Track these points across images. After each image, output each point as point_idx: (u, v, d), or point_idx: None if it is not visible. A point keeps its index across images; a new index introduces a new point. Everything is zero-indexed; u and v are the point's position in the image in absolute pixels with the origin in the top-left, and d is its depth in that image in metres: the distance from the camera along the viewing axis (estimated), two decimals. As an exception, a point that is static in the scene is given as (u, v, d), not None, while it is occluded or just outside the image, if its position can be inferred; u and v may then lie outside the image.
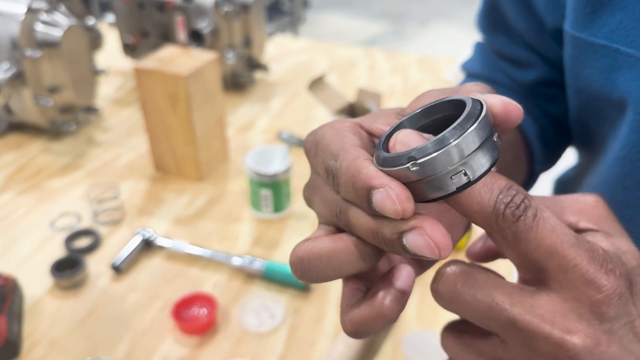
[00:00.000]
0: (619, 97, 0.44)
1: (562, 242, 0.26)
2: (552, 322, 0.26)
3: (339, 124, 0.31)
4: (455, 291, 0.28)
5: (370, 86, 1.35)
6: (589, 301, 0.26)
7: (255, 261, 0.79)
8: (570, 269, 0.26)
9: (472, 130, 0.24)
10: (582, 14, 0.45)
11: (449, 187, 0.25)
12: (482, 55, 0.64)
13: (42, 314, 0.74)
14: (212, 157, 1.01)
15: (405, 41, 4.33)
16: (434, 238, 0.25)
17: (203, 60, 0.92)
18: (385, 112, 0.33)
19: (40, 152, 1.09)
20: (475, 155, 0.24)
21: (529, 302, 0.26)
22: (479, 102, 0.26)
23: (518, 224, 0.26)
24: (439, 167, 0.24)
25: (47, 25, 1.02)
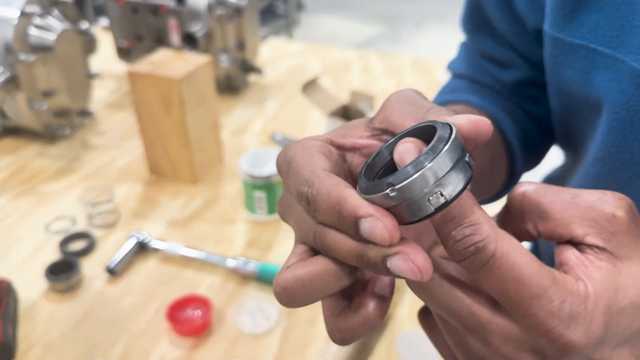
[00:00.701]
0: (595, 97, 0.44)
1: (516, 291, 0.26)
2: (504, 342, 0.27)
3: (309, 143, 0.32)
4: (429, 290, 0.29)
5: (364, 88, 1.36)
6: (539, 345, 0.27)
7: (250, 263, 0.79)
8: (525, 316, 0.26)
9: (444, 152, 0.25)
10: (560, 14, 0.46)
11: (428, 208, 0.26)
12: (466, 56, 0.64)
13: (37, 317, 0.74)
14: (207, 160, 1.02)
15: (400, 43, 4.34)
16: (417, 262, 0.26)
17: (196, 64, 0.93)
18: (354, 124, 0.34)
19: (35, 156, 1.09)
20: (449, 176, 0.25)
21: (485, 319, 0.28)
22: (448, 125, 0.27)
23: (465, 264, 0.27)
24: (416, 190, 0.25)
25: (40, 29, 1.03)
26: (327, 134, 0.33)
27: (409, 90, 0.33)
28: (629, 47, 0.41)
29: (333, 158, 0.31)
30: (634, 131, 0.42)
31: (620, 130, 0.43)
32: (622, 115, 0.42)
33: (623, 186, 0.45)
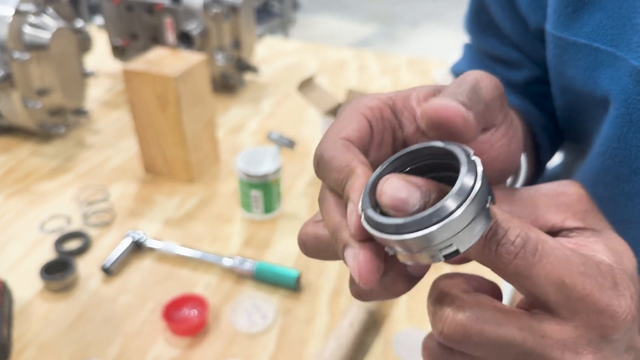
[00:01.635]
0: (601, 94, 0.45)
1: (570, 273, 0.25)
2: (562, 351, 0.26)
3: (361, 103, 0.31)
4: (465, 334, 0.26)
5: (361, 87, 1.36)
6: (600, 328, 0.26)
7: (246, 262, 0.79)
8: (581, 299, 0.25)
9: (467, 206, 0.23)
10: (563, 14, 0.46)
11: (436, 258, 0.24)
12: (471, 57, 0.64)
13: (32, 316, 0.73)
14: (203, 159, 1.01)
15: (396, 43, 4.34)
16: (361, 264, 0.25)
17: (192, 62, 0.92)
18: (421, 88, 0.32)
19: (29, 154, 1.08)
20: (467, 229, 0.23)
21: (539, 333, 0.26)
22: (473, 162, 0.24)
23: (517, 262, 0.25)
24: (429, 242, 0.23)
25: (35, 27, 1.02)
26: (394, 92, 0.32)
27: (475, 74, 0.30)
28: (629, 45, 0.41)
29: (382, 124, 0.31)
30: (633, 128, 0.42)
31: (620, 127, 0.43)
32: (621, 112, 0.43)
33: (622, 182, 0.45)
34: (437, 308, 0.27)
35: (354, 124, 0.30)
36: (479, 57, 0.63)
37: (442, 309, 0.27)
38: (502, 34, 0.58)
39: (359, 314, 0.70)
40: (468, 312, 0.26)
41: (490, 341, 0.26)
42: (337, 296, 0.77)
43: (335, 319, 0.74)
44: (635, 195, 0.45)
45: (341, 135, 0.29)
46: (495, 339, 0.25)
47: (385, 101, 0.31)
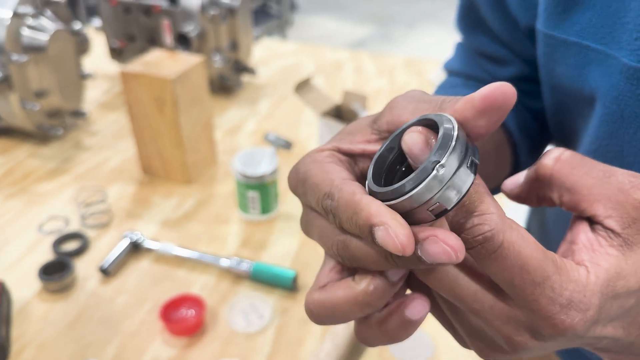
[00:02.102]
0: (589, 92, 0.45)
1: (521, 279, 0.27)
2: (505, 323, 0.29)
3: (319, 156, 0.32)
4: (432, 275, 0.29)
5: (357, 88, 1.36)
6: (540, 330, 0.28)
7: (243, 262, 0.79)
8: (528, 302, 0.27)
9: (451, 151, 0.26)
10: (554, 12, 0.47)
11: (441, 207, 0.26)
12: (462, 54, 0.65)
13: (30, 317, 0.74)
14: (200, 160, 1.02)
15: (393, 44, 4.35)
16: (449, 243, 0.26)
17: (189, 64, 0.93)
18: (358, 128, 0.34)
19: (27, 156, 1.09)
20: (458, 173, 0.26)
21: (489, 304, 0.28)
22: (449, 119, 0.27)
23: (473, 252, 0.27)
24: (428, 194, 0.26)
25: (33, 29, 1.03)
26: (332, 141, 0.33)
27: (416, 91, 0.33)
28: (619, 43, 0.42)
29: (345, 166, 0.32)
30: (624, 124, 0.43)
31: (611, 123, 0.44)
32: (612, 109, 0.44)
33: None
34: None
35: (333, 168, 0.31)
36: (470, 54, 0.64)
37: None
38: (491, 32, 0.59)
39: (355, 313, 0.70)
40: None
41: (446, 287, 0.29)
42: (333, 296, 0.78)
43: (331, 318, 0.74)
44: None
45: (338, 179, 0.30)
46: (451, 287, 0.29)
47: (332, 148, 0.33)
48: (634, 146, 0.43)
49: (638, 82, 0.41)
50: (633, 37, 0.41)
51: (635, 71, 0.41)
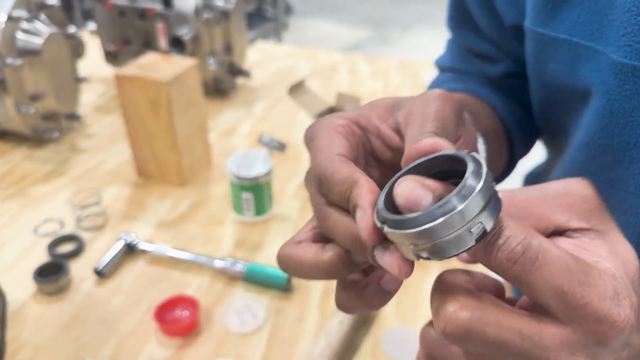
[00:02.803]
0: (583, 86, 0.47)
1: (570, 282, 0.26)
2: (558, 352, 0.26)
3: (334, 122, 0.33)
4: (465, 334, 0.27)
5: (351, 90, 1.37)
6: (598, 335, 0.26)
7: (238, 263, 0.80)
8: (580, 307, 0.26)
9: (470, 201, 0.24)
10: (543, 11, 0.48)
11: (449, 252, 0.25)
12: (453, 51, 0.67)
13: (26, 319, 0.74)
14: (195, 162, 1.02)
15: (388, 46, 4.36)
16: (399, 262, 0.27)
17: (184, 67, 0.93)
18: (382, 107, 0.35)
19: (23, 159, 1.09)
20: (481, 215, 0.25)
21: (538, 336, 0.26)
22: (478, 161, 0.26)
23: (516, 269, 0.26)
24: (433, 236, 0.25)
25: (27, 33, 1.03)
26: (355, 111, 0.35)
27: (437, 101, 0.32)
28: (607, 39, 0.43)
29: (355, 139, 0.33)
30: (614, 118, 0.44)
31: (602, 118, 0.45)
32: (602, 103, 0.45)
33: (606, 170, 0.47)
34: (441, 305, 0.28)
35: (337, 141, 0.32)
36: (460, 51, 0.66)
37: (445, 307, 0.27)
38: (479, 30, 0.60)
39: (348, 313, 0.71)
40: (470, 313, 0.26)
41: (490, 341, 0.26)
42: (327, 296, 0.79)
43: (325, 318, 0.75)
44: (618, 183, 0.47)
45: (334, 153, 0.31)
46: (495, 339, 0.26)
47: (351, 119, 0.34)
48: (623, 140, 0.45)
49: (625, 77, 0.42)
50: (620, 33, 0.42)
51: (622, 67, 0.42)
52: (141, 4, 1.24)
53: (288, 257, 0.32)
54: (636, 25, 0.41)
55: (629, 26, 0.41)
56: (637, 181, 0.45)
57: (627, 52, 0.41)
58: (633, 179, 0.45)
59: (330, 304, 0.77)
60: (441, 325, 0.27)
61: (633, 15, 0.41)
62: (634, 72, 0.41)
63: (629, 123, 0.43)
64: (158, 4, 1.23)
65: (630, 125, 0.43)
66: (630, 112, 0.43)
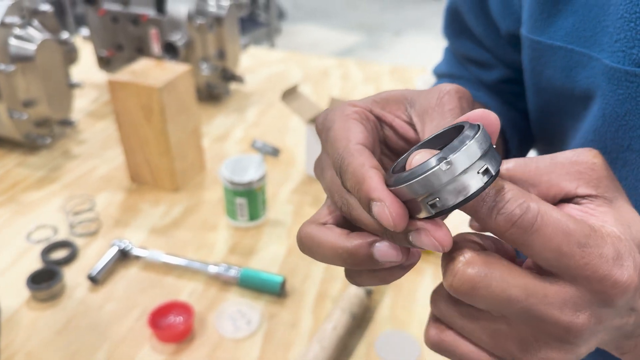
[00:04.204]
0: (581, 92, 0.48)
1: (568, 243, 0.27)
2: (562, 309, 0.27)
3: (349, 110, 0.33)
4: (472, 288, 0.28)
5: (344, 95, 1.38)
6: (601, 294, 0.27)
7: (231, 269, 0.80)
8: (580, 267, 0.27)
9: (461, 152, 0.26)
10: (539, 19, 0.50)
11: (439, 205, 0.26)
12: (450, 59, 0.68)
13: (19, 326, 0.74)
14: (188, 168, 1.02)
15: (380, 51, 4.38)
16: (438, 237, 0.27)
17: (176, 72, 0.94)
18: (396, 99, 0.35)
19: (15, 165, 1.09)
20: (463, 177, 0.26)
21: (542, 293, 0.27)
22: (477, 126, 0.27)
23: (514, 231, 0.27)
24: (421, 189, 0.26)
25: (20, 39, 1.03)
26: (369, 99, 0.35)
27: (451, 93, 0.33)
28: (601, 46, 0.45)
29: (370, 125, 0.33)
30: (607, 122, 0.46)
31: (595, 121, 0.46)
32: (596, 108, 0.46)
33: None
34: (449, 261, 0.29)
35: (354, 128, 0.32)
36: (457, 59, 0.67)
37: (454, 263, 0.28)
38: (475, 38, 0.62)
39: (342, 317, 0.71)
40: (477, 268, 0.28)
41: (495, 296, 0.28)
42: (321, 301, 0.79)
43: (319, 323, 0.75)
44: None
45: (353, 142, 0.31)
46: (500, 295, 0.27)
47: (364, 106, 0.34)
48: (616, 143, 0.46)
49: (618, 82, 0.43)
50: (613, 39, 0.43)
51: (615, 72, 0.43)
52: (134, 10, 1.24)
53: (310, 237, 0.32)
54: (629, 31, 0.42)
55: (621, 32, 0.42)
56: (630, 183, 0.46)
57: (620, 58, 0.42)
58: (626, 180, 0.46)
59: (324, 309, 0.77)
60: (449, 280, 0.28)
61: (625, 22, 0.42)
62: (627, 76, 0.42)
63: (622, 126, 0.44)
64: (151, 10, 1.23)
65: (623, 128, 0.44)
66: (623, 116, 0.44)
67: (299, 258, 0.86)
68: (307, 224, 0.32)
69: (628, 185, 0.46)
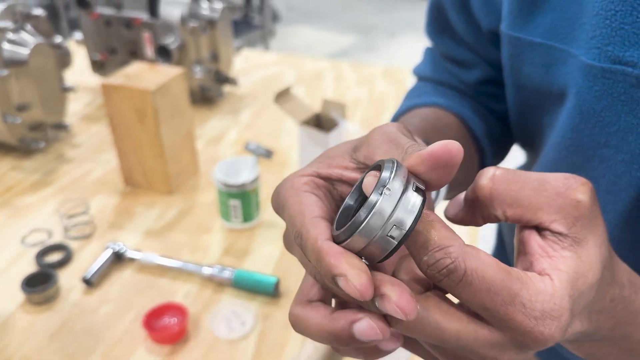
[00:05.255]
0: (558, 88, 0.48)
1: (492, 301, 0.28)
2: (489, 349, 0.30)
3: (298, 183, 0.33)
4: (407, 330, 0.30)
5: (337, 97, 1.38)
6: (523, 344, 0.29)
7: (225, 270, 0.81)
8: (504, 321, 0.28)
9: (387, 188, 0.27)
10: (518, 15, 0.50)
11: (390, 244, 0.27)
12: (431, 59, 0.68)
13: (13, 329, 0.74)
14: (182, 170, 1.03)
15: (374, 53, 4.39)
16: (401, 305, 0.27)
17: (170, 75, 0.94)
18: (338, 153, 0.35)
19: (9, 169, 1.09)
20: (399, 209, 0.27)
21: (472, 336, 0.29)
22: (392, 161, 0.29)
23: (444, 284, 0.28)
24: (373, 230, 0.27)
25: (13, 44, 1.03)
26: (312, 165, 0.35)
27: (391, 127, 0.34)
28: (578, 42, 0.45)
29: (322, 192, 0.33)
30: (584, 119, 0.46)
31: (572, 118, 0.47)
32: (573, 104, 0.46)
33: (577, 170, 0.49)
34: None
35: (307, 201, 0.32)
36: (437, 59, 0.67)
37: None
38: (457, 36, 0.62)
39: (335, 317, 0.72)
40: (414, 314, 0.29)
41: (430, 338, 0.30)
42: (314, 301, 0.79)
43: (313, 323, 0.75)
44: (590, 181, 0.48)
45: (308, 217, 0.31)
46: (434, 339, 0.29)
47: (311, 173, 0.34)
48: (593, 140, 0.46)
49: (595, 78, 0.44)
50: (589, 36, 0.43)
51: (592, 68, 0.43)
52: (127, 14, 1.25)
53: (298, 320, 0.32)
54: (604, 28, 0.42)
55: (597, 29, 0.43)
56: (609, 179, 0.46)
57: (596, 55, 0.43)
58: (604, 177, 0.47)
59: (317, 309, 0.78)
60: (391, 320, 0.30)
61: (601, 19, 0.42)
62: (603, 73, 0.43)
63: (599, 123, 0.45)
64: (144, 14, 1.24)
65: (600, 124, 0.45)
66: (599, 112, 0.44)
67: (292, 259, 0.87)
68: (294, 305, 0.33)
69: (606, 182, 0.47)
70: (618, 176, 0.46)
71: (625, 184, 0.45)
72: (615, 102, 0.43)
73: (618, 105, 0.43)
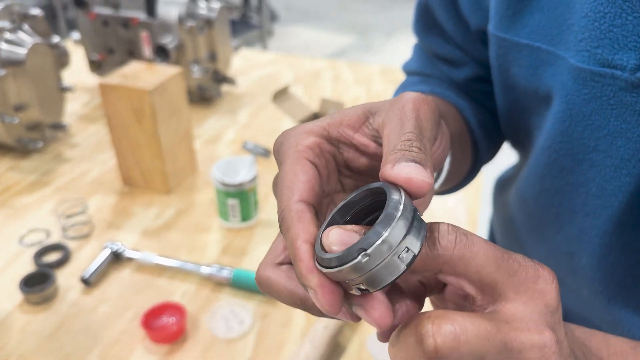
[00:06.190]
0: (545, 90, 0.47)
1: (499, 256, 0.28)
2: (528, 328, 0.27)
3: (302, 145, 0.32)
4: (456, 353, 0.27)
5: (335, 97, 1.38)
6: (541, 297, 0.28)
7: (224, 269, 0.81)
8: (515, 270, 0.28)
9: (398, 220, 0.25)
10: (505, 16, 0.49)
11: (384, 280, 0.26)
12: (419, 56, 0.67)
13: (11, 329, 0.74)
14: (180, 170, 1.03)
15: (372, 52, 4.39)
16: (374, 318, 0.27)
17: (167, 75, 0.94)
18: (355, 115, 0.33)
19: (7, 169, 1.09)
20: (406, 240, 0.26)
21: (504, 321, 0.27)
22: (398, 189, 0.27)
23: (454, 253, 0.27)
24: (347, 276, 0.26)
25: (11, 44, 1.03)
26: (326, 119, 0.33)
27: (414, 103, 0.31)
28: (566, 44, 0.44)
29: (323, 161, 0.32)
30: (573, 122, 0.45)
31: (562, 121, 0.46)
32: (562, 107, 0.46)
33: (567, 173, 0.48)
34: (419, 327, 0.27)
35: (301, 175, 0.31)
36: (426, 55, 0.66)
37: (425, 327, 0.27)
38: (445, 35, 0.61)
39: (333, 316, 0.72)
40: (451, 339, 0.26)
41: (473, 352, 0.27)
42: (313, 300, 0.79)
43: (311, 322, 0.76)
44: (579, 186, 0.48)
45: (295, 198, 0.30)
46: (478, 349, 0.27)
47: (320, 133, 0.33)
48: (582, 144, 0.46)
49: (584, 81, 0.43)
50: (578, 38, 0.43)
51: (580, 71, 0.43)
52: (125, 13, 1.25)
53: (268, 282, 0.31)
54: (593, 30, 0.41)
55: (586, 31, 0.42)
56: (598, 184, 0.46)
57: (585, 57, 0.42)
58: (594, 181, 0.46)
59: (315, 308, 0.78)
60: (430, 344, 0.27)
61: (590, 21, 0.41)
62: (592, 76, 0.42)
63: (588, 126, 0.44)
64: (142, 13, 1.24)
65: (589, 128, 0.44)
66: (588, 116, 0.44)
67: (291, 258, 0.87)
68: (263, 266, 0.32)
69: (596, 187, 0.46)
70: (607, 181, 0.45)
71: (615, 188, 0.45)
72: (604, 105, 0.43)
73: (607, 109, 0.43)
